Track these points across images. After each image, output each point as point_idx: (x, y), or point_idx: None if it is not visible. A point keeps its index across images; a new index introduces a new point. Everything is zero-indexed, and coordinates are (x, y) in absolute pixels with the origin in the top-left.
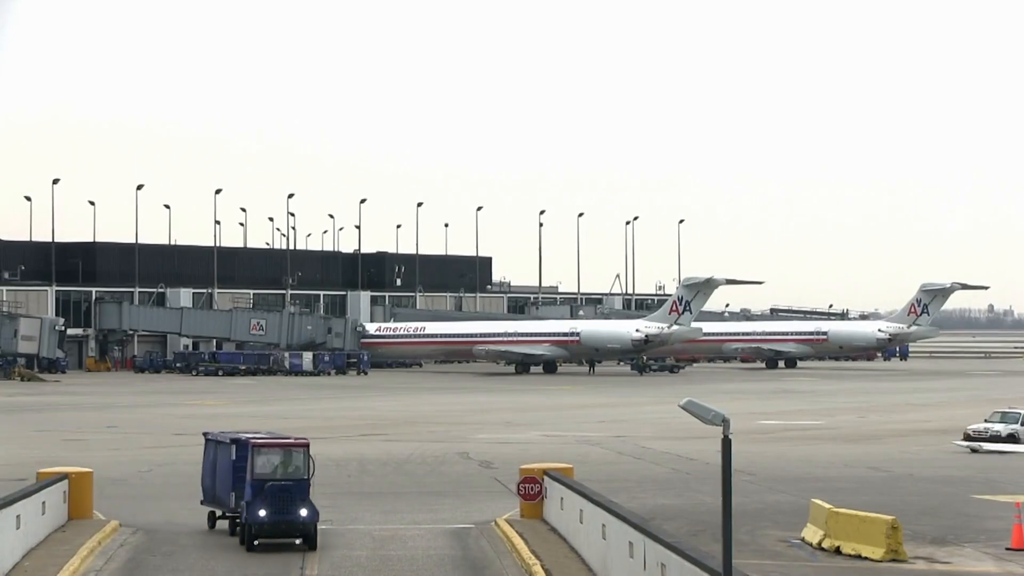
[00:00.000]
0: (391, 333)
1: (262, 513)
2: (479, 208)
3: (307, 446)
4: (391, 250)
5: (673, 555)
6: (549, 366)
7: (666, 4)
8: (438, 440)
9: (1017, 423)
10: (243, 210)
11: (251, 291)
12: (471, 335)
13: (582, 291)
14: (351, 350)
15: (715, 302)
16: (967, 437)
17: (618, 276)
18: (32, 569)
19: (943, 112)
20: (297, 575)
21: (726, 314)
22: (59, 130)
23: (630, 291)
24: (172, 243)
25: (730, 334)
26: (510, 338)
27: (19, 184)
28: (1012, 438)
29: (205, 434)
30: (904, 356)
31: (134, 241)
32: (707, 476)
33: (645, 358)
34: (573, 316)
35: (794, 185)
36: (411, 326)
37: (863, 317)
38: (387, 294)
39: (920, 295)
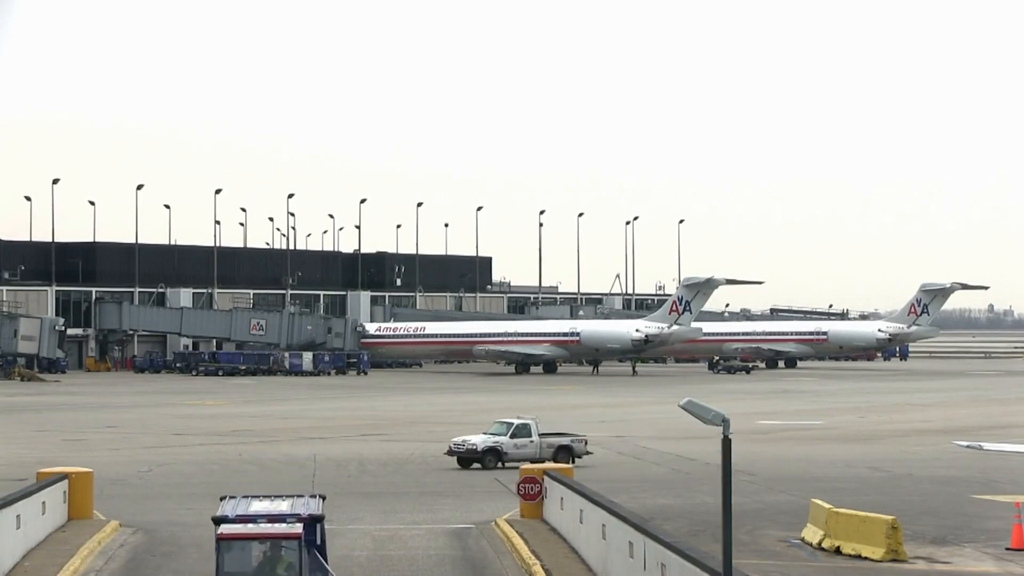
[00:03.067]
0: (391, 333)
1: None
2: (479, 208)
3: (301, 536)
4: (391, 250)
5: (673, 555)
6: (549, 366)
7: (666, 4)
8: (438, 440)
9: (505, 435)
10: (243, 210)
11: (251, 291)
12: (471, 335)
13: (582, 291)
14: (351, 350)
15: (715, 302)
16: (449, 451)
17: (618, 276)
18: (32, 569)
19: (943, 112)
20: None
21: (726, 314)
22: (59, 130)
23: (630, 291)
24: (172, 243)
25: (730, 334)
26: (510, 338)
27: (19, 184)
28: (494, 452)
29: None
30: (904, 356)
31: (134, 241)
32: (707, 476)
33: (715, 358)
34: (573, 316)
35: (794, 185)
36: (411, 326)
37: (863, 317)
38: (387, 294)
39: (920, 295)
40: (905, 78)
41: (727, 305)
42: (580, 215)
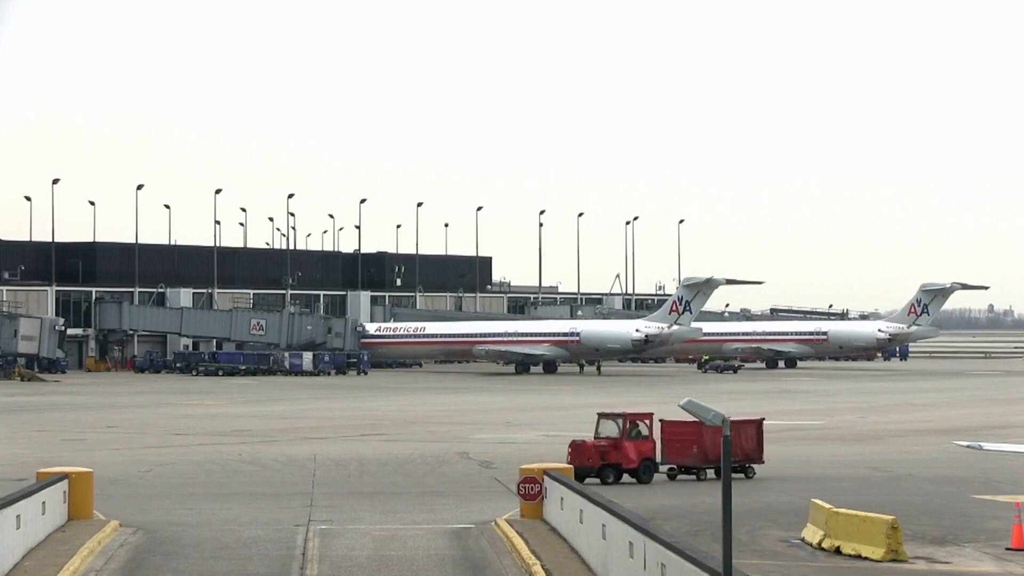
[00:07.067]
0: (391, 333)
1: None
2: (479, 208)
3: None
4: (391, 250)
5: (673, 555)
6: (549, 366)
7: (666, 5)
8: (438, 440)
9: None
10: (243, 210)
11: (251, 291)
12: (471, 335)
13: (582, 291)
14: (351, 350)
15: (715, 302)
16: None
17: (618, 276)
18: (32, 569)
19: (943, 113)
20: (297, 575)
21: (726, 314)
22: (59, 130)
23: (630, 291)
24: (172, 243)
25: (730, 334)
26: (510, 338)
27: (19, 184)
28: None
29: None
30: (904, 356)
31: (134, 241)
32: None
33: (704, 358)
34: (573, 316)
35: (793, 185)
36: (411, 326)
37: (863, 317)
38: (387, 294)
39: (920, 295)
40: (905, 78)
41: (727, 305)
42: (580, 215)
